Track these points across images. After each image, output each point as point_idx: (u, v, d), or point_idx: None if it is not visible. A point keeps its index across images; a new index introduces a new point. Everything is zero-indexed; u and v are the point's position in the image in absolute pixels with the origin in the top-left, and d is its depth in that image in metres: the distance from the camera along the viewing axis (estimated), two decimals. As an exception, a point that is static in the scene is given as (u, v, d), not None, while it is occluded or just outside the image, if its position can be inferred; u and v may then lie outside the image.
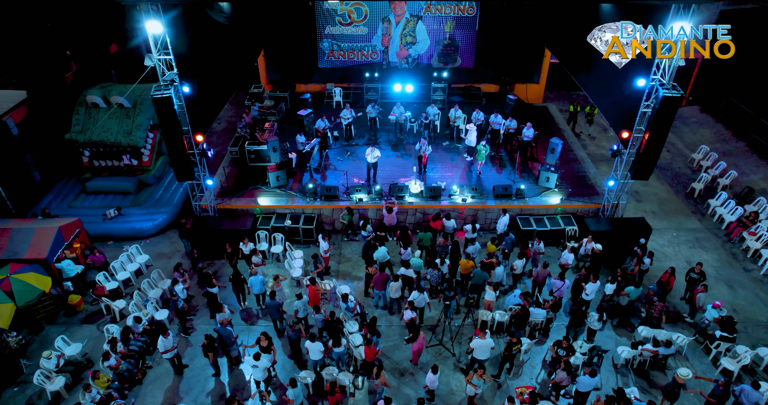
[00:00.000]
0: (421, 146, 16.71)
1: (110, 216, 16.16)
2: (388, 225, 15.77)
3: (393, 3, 20.93)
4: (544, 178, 17.01)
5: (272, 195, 16.72)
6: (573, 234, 15.88)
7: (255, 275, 13.40)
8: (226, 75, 16.59)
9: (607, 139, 22.18)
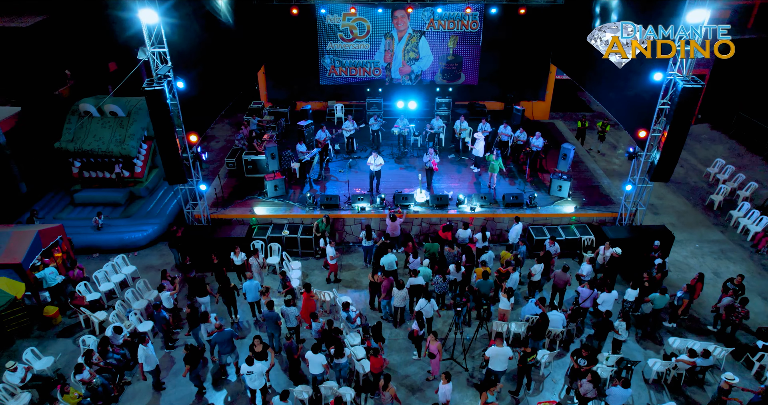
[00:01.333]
0: (429, 157, 15.84)
1: (99, 224, 15.20)
2: (391, 235, 14.78)
3: (396, 18, 20.74)
4: (556, 187, 16.14)
5: (270, 205, 15.84)
6: (590, 244, 14.86)
7: (250, 280, 12.35)
8: (225, 77, 16.07)
9: (617, 156, 21.48)
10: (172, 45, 12.29)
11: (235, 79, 17.37)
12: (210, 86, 14.85)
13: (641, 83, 13.51)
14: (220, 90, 15.67)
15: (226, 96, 16.25)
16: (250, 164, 16.87)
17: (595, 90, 17.05)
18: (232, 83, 16.90)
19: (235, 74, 17.30)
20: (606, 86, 15.86)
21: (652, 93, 13.07)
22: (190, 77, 13.30)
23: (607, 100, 16.04)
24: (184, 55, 13.11)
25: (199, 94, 13.98)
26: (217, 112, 15.65)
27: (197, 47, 13.92)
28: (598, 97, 16.90)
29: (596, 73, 16.39)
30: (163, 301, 12.06)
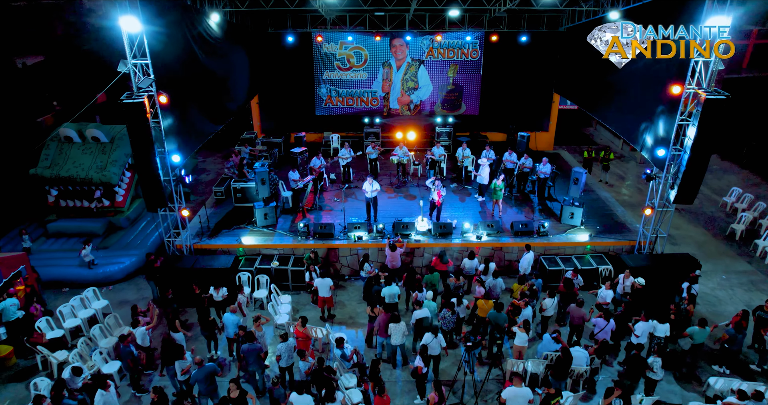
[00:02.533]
0: (435, 187, 14.65)
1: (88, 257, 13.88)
2: (391, 267, 13.50)
3: (394, 47, 20.28)
4: (568, 214, 15.01)
5: (259, 234, 14.62)
6: (608, 274, 13.58)
7: (233, 313, 10.97)
8: (216, 100, 15.21)
9: (625, 187, 20.51)
10: (156, 57, 11.44)
11: (227, 105, 16.54)
12: (198, 106, 13.97)
13: (657, 100, 12.69)
14: (209, 112, 14.78)
15: (215, 119, 15.36)
16: (239, 192, 15.79)
17: (604, 114, 16.26)
18: (223, 108, 16.05)
19: (227, 99, 16.49)
20: (617, 108, 15.07)
21: (669, 109, 12.21)
22: (175, 94, 12.41)
23: (619, 122, 15.19)
24: (170, 69, 12.27)
25: (185, 113, 13.07)
26: (204, 136, 14.69)
27: (184, 63, 13.12)
28: (608, 121, 16.08)
29: (605, 97, 15.68)
30: (138, 338, 10.64)
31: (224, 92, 16.16)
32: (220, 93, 15.70)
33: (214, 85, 15.11)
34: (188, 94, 13.34)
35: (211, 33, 15.03)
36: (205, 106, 14.50)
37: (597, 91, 16.38)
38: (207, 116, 14.71)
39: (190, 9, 13.44)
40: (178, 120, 12.70)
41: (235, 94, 17.50)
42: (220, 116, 15.85)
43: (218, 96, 15.55)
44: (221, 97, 15.86)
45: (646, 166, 23.17)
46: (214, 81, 15.17)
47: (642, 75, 13.33)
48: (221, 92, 15.83)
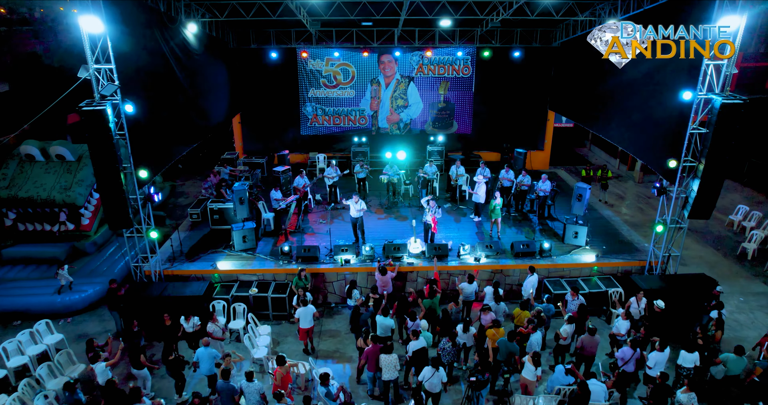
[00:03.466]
0: (429, 209, 13.48)
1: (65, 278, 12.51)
2: (380, 291, 12.27)
3: (382, 63, 19.52)
4: (572, 234, 13.96)
5: (237, 259, 13.36)
6: (618, 298, 12.45)
7: (205, 347, 9.64)
8: (192, 114, 14.15)
9: (626, 207, 19.61)
10: (122, 63, 10.41)
11: (204, 121, 15.50)
12: (170, 120, 12.89)
13: (664, 108, 11.87)
14: (183, 127, 13.71)
15: (190, 136, 14.28)
16: (216, 214, 14.58)
17: (604, 129, 15.43)
18: (199, 124, 14.99)
19: (204, 115, 15.46)
20: (619, 121, 14.23)
21: (678, 118, 11.36)
22: (144, 104, 11.37)
23: (621, 136, 14.32)
24: (139, 77, 11.26)
25: (155, 125, 11.98)
26: (178, 152, 13.58)
27: (156, 72, 12.12)
28: (610, 135, 15.23)
29: (606, 110, 14.90)
30: (98, 376, 9.25)
31: (201, 107, 15.14)
32: (196, 108, 14.67)
33: (189, 99, 14.10)
34: (159, 106, 12.29)
35: (188, 44, 14.13)
36: (178, 120, 13.44)
37: (596, 105, 15.61)
38: (181, 131, 13.62)
39: (161, 15, 12.52)
40: (147, 133, 11.60)
41: (214, 111, 16.50)
42: (196, 133, 14.78)
43: (194, 111, 14.51)
44: (198, 113, 14.83)
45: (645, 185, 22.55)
46: (190, 95, 14.17)
47: (646, 83, 12.56)
48: (198, 107, 14.81)
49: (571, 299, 11.49)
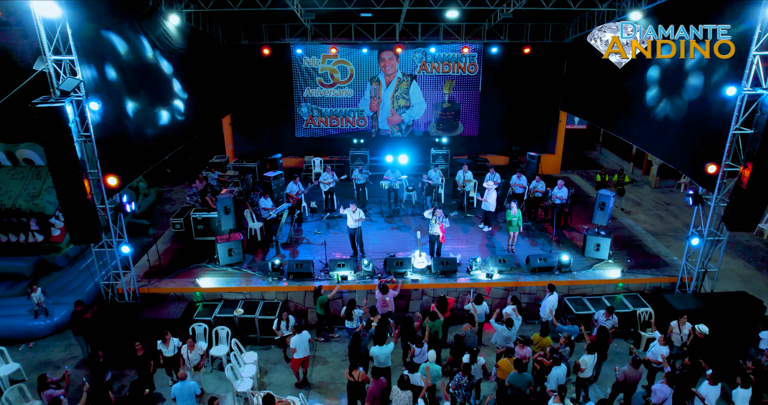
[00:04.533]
0: (436, 219, 12.12)
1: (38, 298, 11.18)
2: (380, 312, 10.93)
3: (383, 60, 18.22)
4: (593, 246, 12.62)
5: (221, 275, 12.01)
6: (647, 318, 11.11)
7: (183, 381, 8.29)
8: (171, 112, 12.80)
9: (644, 214, 18.29)
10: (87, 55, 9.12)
11: (188, 122, 14.18)
12: (147, 121, 11.56)
13: (700, 107, 10.57)
14: (162, 129, 12.37)
15: (171, 138, 12.96)
16: (201, 223, 13.26)
17: (625, 130, 14.11)
18: (182, 126, 13.67)
19: (188, 116, 14.14)
20: (643, 122, 12.91)
21: (718, 117, 10.05)
22: (114, 102, 10.07)
23: (646, 138, 12.99)
24: (108, 71, 9.95)
25: (127, 126, 10.67)
26: (157, 156, 12.25)
27: (129, 67, 10.80)
28: (631, 137, 13.93)
29: (628, 110, 13.59)
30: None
31: (185, 107, 13.81)
32: (178, 108, 13.34)
33: (170, 98, 12.78)
34: (134, 105, 10.95)
35: (169, 37, 12.83)
36: (157, 121, 12.11)
37: (616, 105, 14.31)
38: (160, 134, 12.29)
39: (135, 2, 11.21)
40: (118, 135, 10.29)
41: (200, 111, 15.18)
42: (179, 135, 13.46)
43: (176, 111, 13.19)
44: (181, 113, 13.50)
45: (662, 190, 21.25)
46: (171, 93, 12.86)
47: (677, 79, 11.27)
48: (180, 107, 13.48)
49: (603, 319, 10.16)
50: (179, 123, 13.41)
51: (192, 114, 14.33)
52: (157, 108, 12.10)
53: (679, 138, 11.42)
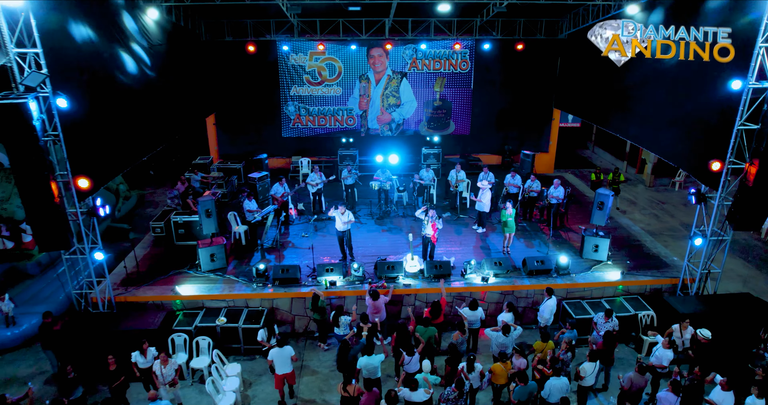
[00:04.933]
0: (428, 219, 11.57)
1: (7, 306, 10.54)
2: (371, 319, 10.37)
3: (372, 57, 17.68)
4: (591, 247, 12.16)
5: (203, 281, 11.39)
6: (650, 321, 10.66)
7: (153, 401, 7.67)
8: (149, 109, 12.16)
9: (639, 213, 17.91)
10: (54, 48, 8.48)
11: (168, 122, 13.55)
12: (122, 119, 10.92)
13: (703, 102, 10.16)
14: (139, 128, 11.73)
15: (150, 138, 12.32)
16: (182, 227, 12.64)
17: (623, 128, 13.68)
18: (161, 125, 13.03)
19: (168, 115, 13.51)
20: (641, 119, 12.49)
21: (722, 112, 9.65)
22: (85, 99, 9.44)
23: (645, 136, 12.57)
24: (78, 66, 9.34)
25: (100, 125, 10.03)
26: (134, 157, 11.61)
27: (102, 62, 10.17)
28: (629, 135, 13.52)
29: (625, 107, 13.16)
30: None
31: (164, 106, 13.18)
32: (157, 106, 12.71)
33: (148, 96, 12.14)
34: (107, 102, 10.32)
35: (147, 32, 12.20)
36: (133, 119, 11.46)
37: (612, 102, 13.89)
38: (137, 133, 11.65)
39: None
40: (90, 134, 9.65)
41: (181, 110, 14.56)
42: (157, 135, 12.82)
43: (155, 109, 12.54)
44: (160, 112, 12.86)
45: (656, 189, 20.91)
46: (149, 90, 12.22)
47: (678, 74, 10.83)
48: (160, 105, 12.85)
49: (602, 321, 9.69)
50: (158, 122, 12.77)
51: (172, 113, 13.70)
52: (134, 106, 11.45)
53: (680, 135, 11.00)
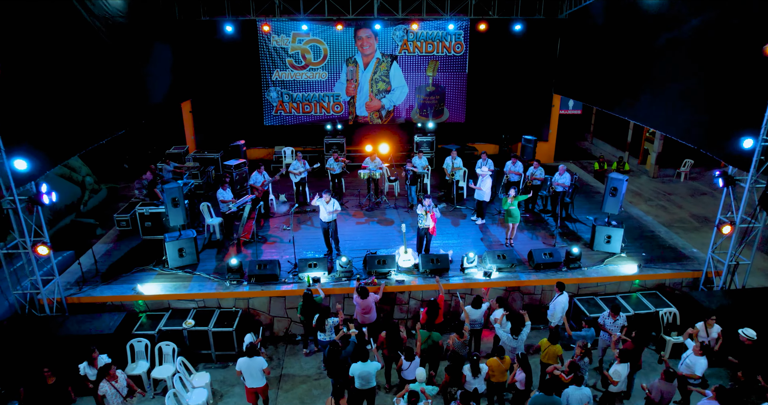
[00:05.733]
0: (426, 208, 10.28)
1: None
2: (361, 321, 9.17)
3: (360, 39, 16.45)
4: (603, 238, 11.02)
5: (170, 279, 10.10)
6: (672, 320, 9.53)
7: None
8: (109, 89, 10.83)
9: (645, 204, 16.83)
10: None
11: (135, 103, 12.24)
12: (75, 93, 9.61)
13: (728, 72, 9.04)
14: (96, 106, 10.42)
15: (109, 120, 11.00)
16: (148, 220, 11.33)
17: (632, 110, 12.55)
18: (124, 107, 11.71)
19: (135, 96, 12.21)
20: (654, 98, 11.37)
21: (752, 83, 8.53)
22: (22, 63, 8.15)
23: (659, 116, 11.43)
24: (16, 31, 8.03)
25: (44, 97, 8.73)
26: (91, 138, 10.29)
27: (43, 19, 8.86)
28: (640, 117, 12.39)
29: (634, 87, 12.05)
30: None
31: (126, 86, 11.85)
32: (117, 86, 11.37)
33: (106, 70, 10.82)
34: (53, 71, 9.01)
35: (107, 5, 10.88)
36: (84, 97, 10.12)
37: (620, 83, 12.75)
38: (89, 113, 10.31)
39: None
40: (30, 111, 8.35)
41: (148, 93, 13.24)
42: (117, 118, 11.48)
43: (113, 89, 11.20)
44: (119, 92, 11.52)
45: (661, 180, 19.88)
46: (108, 65, 10.91)
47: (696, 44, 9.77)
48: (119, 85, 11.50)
49: (610, 321, 8.55)
50: (118, 104, 11.44)
51: (136, 95, 12.38)
52: (90, 79, 10.14)
53: (701, 112, 9.87)
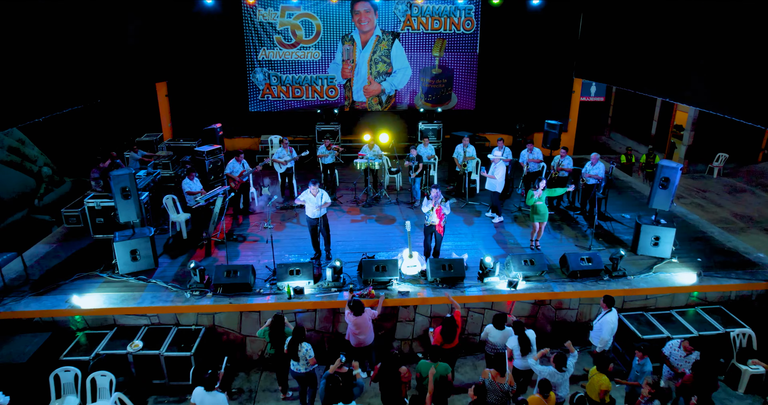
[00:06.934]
0: (431, 201, 8.44)
1: None
2: (356, 345, 7.18)
3: (357, 13, 14.52)
4: (649, 240, 9.06)
5: (119, 288, 8.13)
6: (746, 343, 7.59)
7: None
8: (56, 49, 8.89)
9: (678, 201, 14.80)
10: None
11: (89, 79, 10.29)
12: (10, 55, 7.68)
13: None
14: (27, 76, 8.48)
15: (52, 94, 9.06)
16: (100, 215, 9.36)
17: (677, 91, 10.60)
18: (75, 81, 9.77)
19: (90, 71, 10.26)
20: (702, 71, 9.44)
21: None
22: None
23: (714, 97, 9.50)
24: None
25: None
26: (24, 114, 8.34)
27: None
28: (687, 98, 10.44)
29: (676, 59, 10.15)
30: None
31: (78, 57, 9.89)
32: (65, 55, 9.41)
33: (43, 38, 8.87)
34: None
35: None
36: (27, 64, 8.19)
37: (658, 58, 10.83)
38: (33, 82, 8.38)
39: None
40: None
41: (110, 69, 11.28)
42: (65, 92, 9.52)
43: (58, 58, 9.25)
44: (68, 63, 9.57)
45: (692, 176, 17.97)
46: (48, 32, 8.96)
47: None
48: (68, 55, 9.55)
49: (681, 355, 6.61)
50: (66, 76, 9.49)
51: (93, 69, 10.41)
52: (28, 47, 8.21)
53: None
